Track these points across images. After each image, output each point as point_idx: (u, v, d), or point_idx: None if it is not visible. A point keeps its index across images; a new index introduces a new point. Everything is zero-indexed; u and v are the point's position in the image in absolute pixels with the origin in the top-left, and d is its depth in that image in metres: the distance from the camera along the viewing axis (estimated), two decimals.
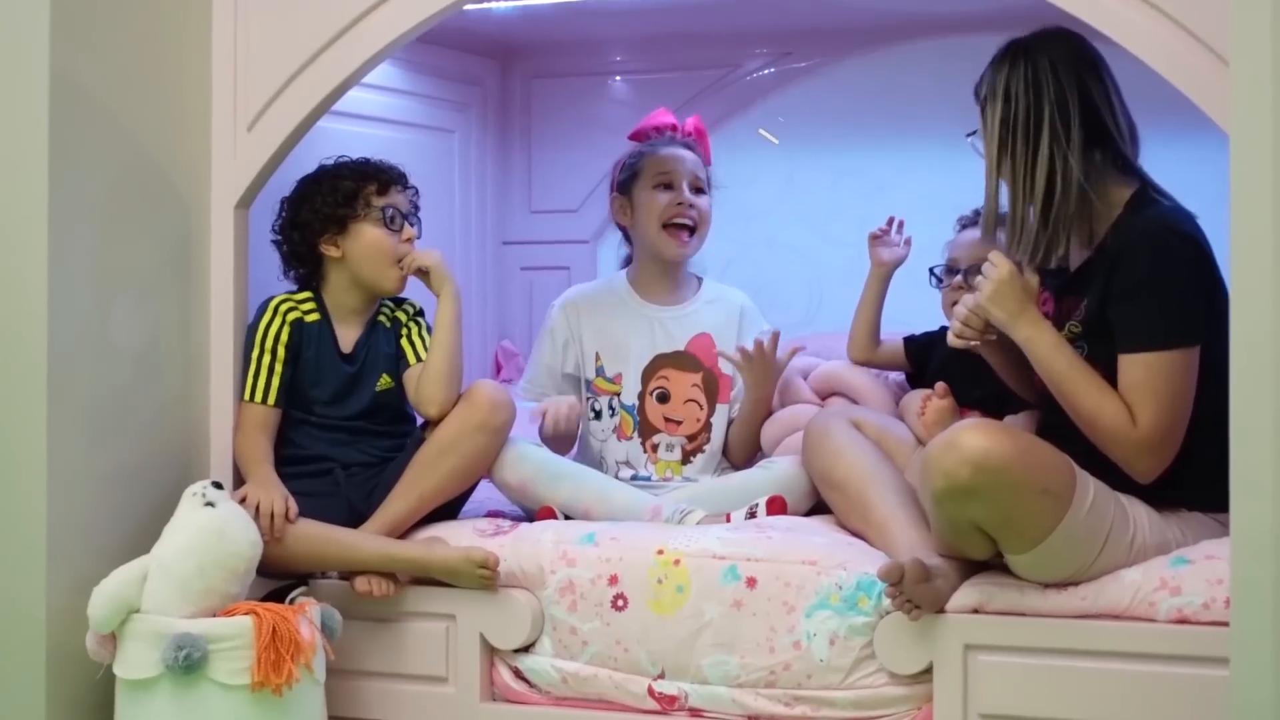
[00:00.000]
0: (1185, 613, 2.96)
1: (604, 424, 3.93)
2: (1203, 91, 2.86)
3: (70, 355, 3.19)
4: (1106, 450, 3.03)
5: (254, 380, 3.54)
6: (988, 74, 3.19)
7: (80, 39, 3.22)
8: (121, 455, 3.35)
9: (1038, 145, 3.11)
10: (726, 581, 3.24)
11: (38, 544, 3.15)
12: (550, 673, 3.36)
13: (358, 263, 3.60)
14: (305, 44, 3.49)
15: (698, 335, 3.96)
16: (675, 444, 3.90)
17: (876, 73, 4.53)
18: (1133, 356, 3.02)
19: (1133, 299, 3.03)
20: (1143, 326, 3.01)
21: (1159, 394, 2.99)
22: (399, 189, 3.65)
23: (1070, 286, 3.21)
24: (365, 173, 3.62)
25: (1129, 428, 3.00)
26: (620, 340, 3.94)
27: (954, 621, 3.08)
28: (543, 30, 4.73)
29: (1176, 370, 2.99)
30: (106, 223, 3.30)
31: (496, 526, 3.52)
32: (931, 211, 3.98)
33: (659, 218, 3.90)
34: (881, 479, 3.39)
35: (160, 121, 3.46)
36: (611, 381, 3.93)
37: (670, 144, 3.99)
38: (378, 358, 3.66)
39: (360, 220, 3.59)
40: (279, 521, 3.34)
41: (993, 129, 3.15)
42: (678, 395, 3.91)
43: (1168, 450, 3.02)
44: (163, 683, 3.08)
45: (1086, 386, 3.04)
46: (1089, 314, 3.12)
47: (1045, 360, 3.09)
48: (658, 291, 3.99)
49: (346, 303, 3.64)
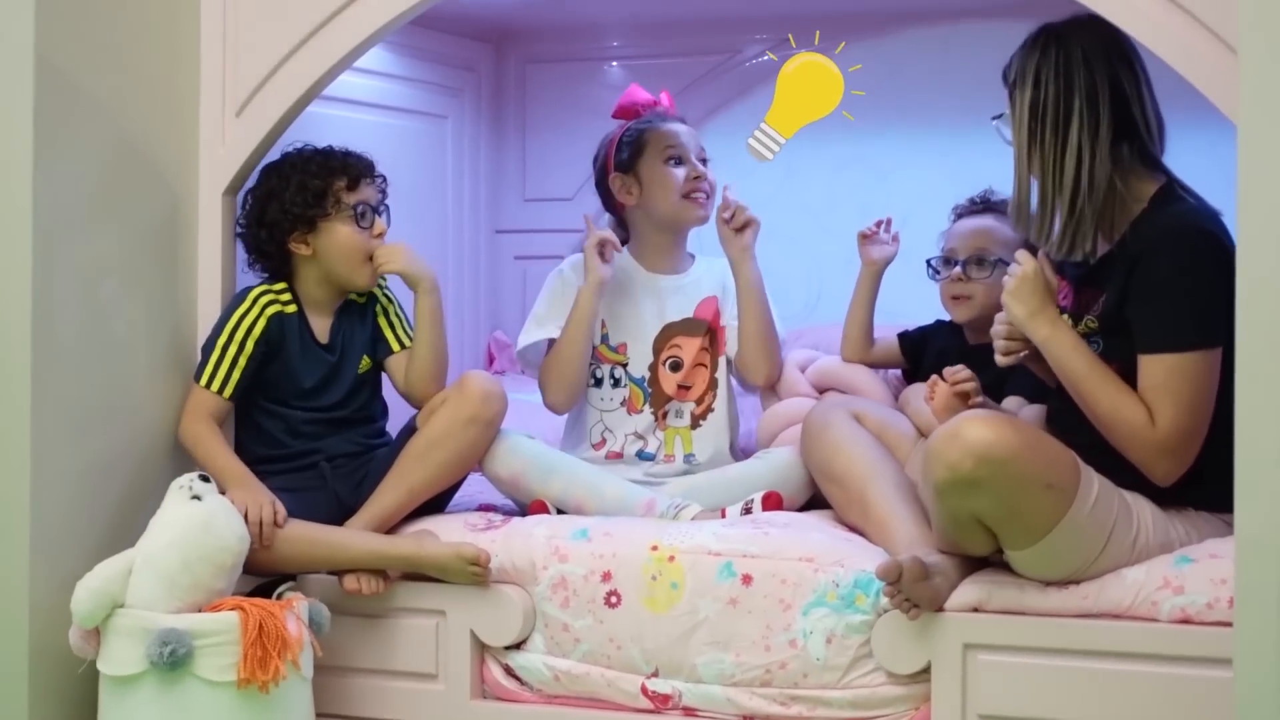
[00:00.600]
0: (1188, 613, 2.93)
1: (604, 392, 3.89)
2: (1210, 81, 2.85)
3: (54, 344, 3.16)
4: (1125, 451, 3.00)
5: (215, 367, 3.48)
6: (1017, 58, 3.14)
7: (66, 23, 3.19)
8: (106, 447, 3.32)
9: (1066, 134, 3.06)
10: (722, 578, 3.21)
11: (21, 537, 3.13)
12: (542, 670, 3.33)
13: (329, 261, 3.56)
14: (295, 28, 3.46)
15: (705, 299, 3.94)
16: (684, 409, 3.87)
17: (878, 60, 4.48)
18: (1153, 357, 2.98)
19: (1154, 299, 2.99)
20: (1164, 328, 2.97)
21: (1179, 396, 2.95)
22: (368, 181, 3.59)
23: (1090, 278, 3.17)
24: (333, 167, 3.56)
25: (1148, 429, 2.96)
26: (627, 311, 3.91)
27: (953, 620, 3.05)
28: (538, 14, 4.72)
29: (1198, 372, 2.95)
30: (92, 209, 3.28)
31: (488, 521, 3.49)
32: (933, 201, 3.95)
33: (677, 190, 3.87)
34: (882, 474, 3.36)
35: (147, 107, 3.43)
36: (615, 351, 3.89)
37: (665, 119, 3.96)
38: (354, 342, 3.63)
39: (331, 219, 3.54)
40: (269, 529, 3.29)
41: (1021, 116, 3.10)
42: (689, 362, 3.89)
43: (1188, 453, 2.98)
44: (147, 679, 3.06)
45: (1105, 387, 3.00)
46: (1106, 310, 3.08)
47: (1063, 360, 3.05)
48: (663, 263, 3.96)
49: (318, 295, 3.60)
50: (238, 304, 3.52)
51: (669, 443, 3.86)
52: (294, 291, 3.58)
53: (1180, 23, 2.89)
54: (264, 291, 3.54)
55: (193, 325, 3.52)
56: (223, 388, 3.48)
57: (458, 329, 4.65)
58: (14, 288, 3.11)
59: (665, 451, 3.86)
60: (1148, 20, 2.92)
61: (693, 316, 3.92)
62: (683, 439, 3.87)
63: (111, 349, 3.34)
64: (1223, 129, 2.82)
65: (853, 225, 3.98)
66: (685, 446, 3.86)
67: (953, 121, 4.41)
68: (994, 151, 3.24)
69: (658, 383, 3.88)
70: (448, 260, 4.68)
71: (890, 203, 4.34)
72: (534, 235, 4.85)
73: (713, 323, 3.91)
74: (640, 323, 3.91)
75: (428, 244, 4.48)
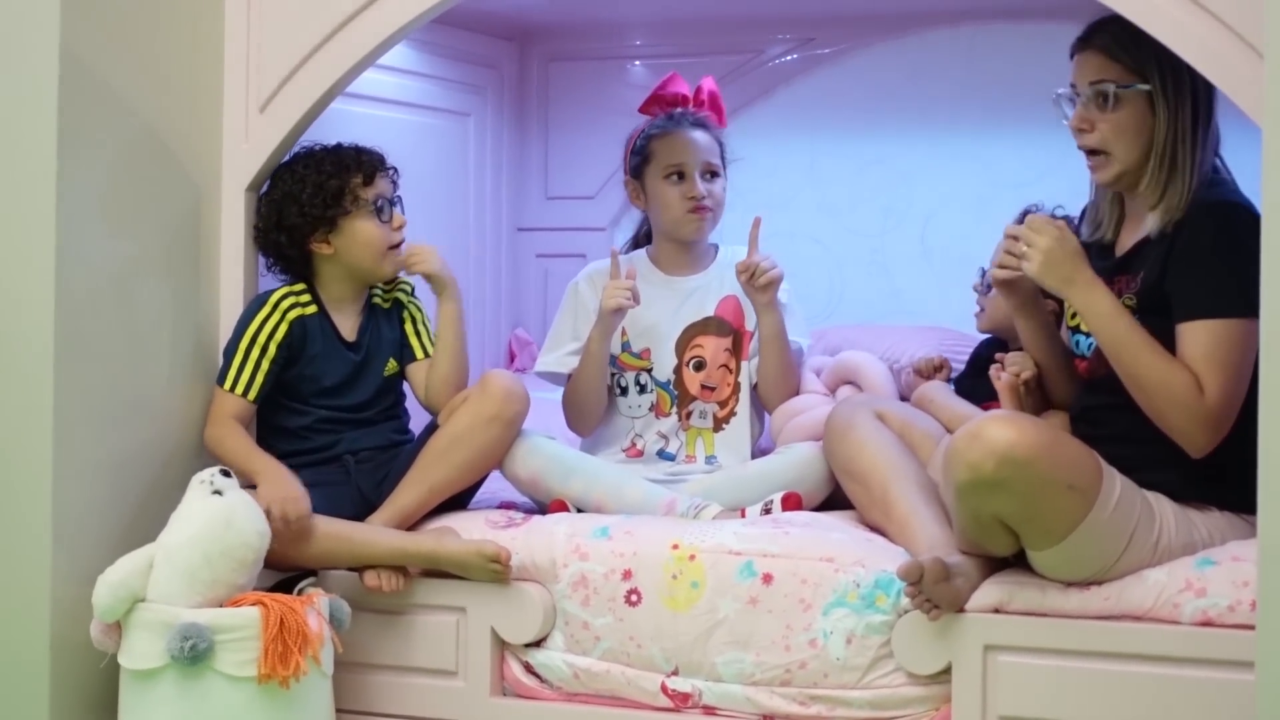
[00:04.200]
0: (1210, 615, 2.92)
1: (630, 400, 3.88)
2: (1236, 84, 2.84)
3: (77, 339, 3.16)
4: (1166, 419, 2.98)
5: (238, 371, 3.48)
6: (1151, 42, 3.01)
7: (91, 18, 3.19)
8: (128, 441, 3.32)
9: (1209, 132, 3.08)
10: (742, 578, 3.21)
11: (43, 531, 3.13)
12: (562, 668, 3.33)
13: (352, 257, 3.55)
14: (320, 24, 3.46)
15: (725, 298, 3.90)
16: (708, 410, 3.85)
17: (902, 60, 4.49)
18: (1197, 324, 2.97)
19: (1197, 267, 2.98)
20: (1209, 293, 2.96)
21: (1226, 364, 2.94)
22: (382, 174, 3.58)
23: (1123, 266, 3.16)
24: (347, 164, 3.55)
25: (1197, 397, 2.95)
26: (647, 315, 3.88)
27: (974, 621, 3.04)
28: (561, 12, 4.71)
29: (1242, 340, 2.94)
30: (115, 205, 3.28)
31: (509, 518, 3.48)
32: (955, 202, 3.94)
33: (675, 208, 3.85)
34: (904, 474, 3.35)
35: (171, 102, 3.43)
36: (638, 357, 3.88)
37: (680, 124, 3.91)
38: (381, 343, 3.63)
39: (351, 216, 3.53)
40: (296, 526, 3.29)
41: (1184, 106, 3.06)
42: (712, 361, 3.87)
43: (1228, 424, 2.97)
44: (168, 673, 3.05)
45: (1152, 352, 2.98)
46: (1145, 287, 3.07)
47: (1105, 326, 3.02)
48: (680, 265, 3.94)
49: (341, 293, 3.60)
50: (259, 308, 3.51)
51: (690, 443, 3.85)
52: (313, 292, 3.58)
53: (1204, 24, 2.87)
54: (285, 294, 3.54)
55: (215, 320, 3.52)
56: (246, 390, 3.48)
57: (479, 326, 4.65)
58: (38, 282, 3.11)
59: (686, 452, 3.85)
60: (1171, 21, 2.90)
61: (713, 315, 3.90)
62: (705, 440, 3.86)
63: (134, 344, 3.34)
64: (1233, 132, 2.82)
65: (875, 226, 3.98)
66: (707, 448, 3.85)
67: (976, 123, 4.40)
68: (1018, 152, 3.24)
69: (683, 384, 3.87)
70: (469, 258, 4.68)
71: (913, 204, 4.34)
72: (556, 233, 4.85)
73: (736, 324, 3.89)
74: (661, 327, 3.89)
75: (449, 241, 4.48)
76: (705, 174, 3.86)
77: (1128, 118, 3.09)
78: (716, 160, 3.89)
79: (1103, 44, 3.11)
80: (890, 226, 4.50)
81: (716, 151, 3.91)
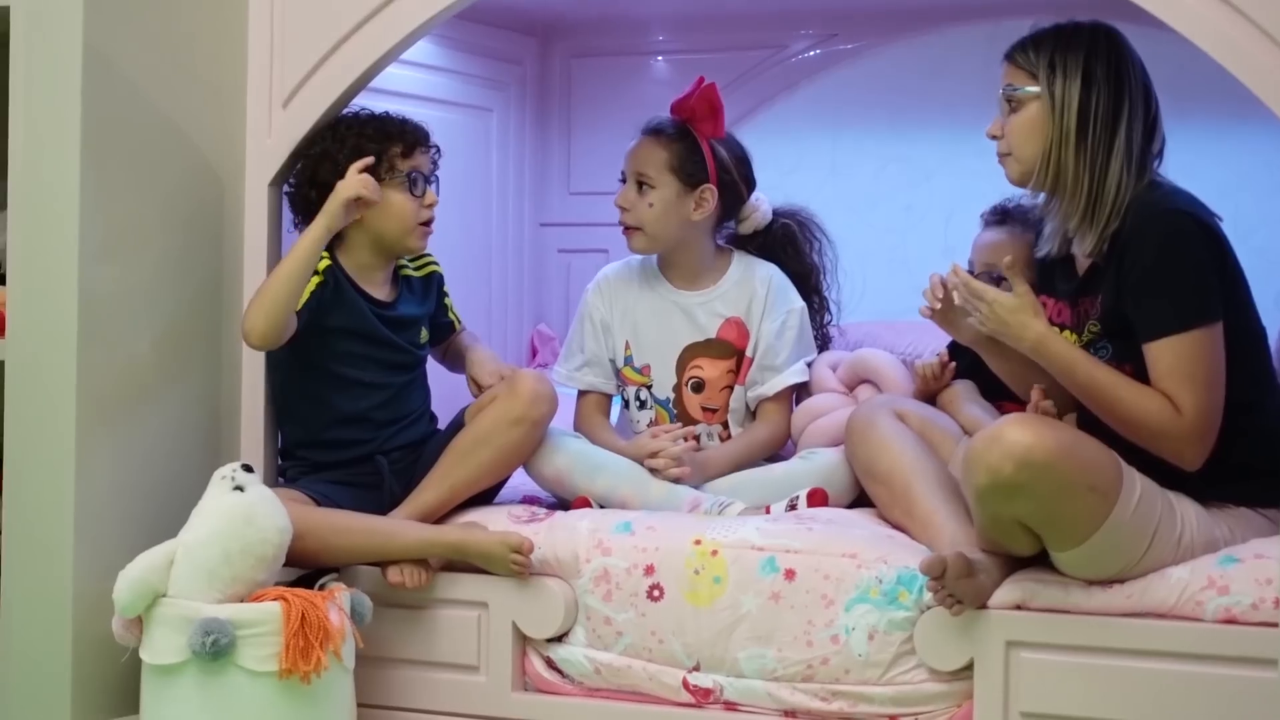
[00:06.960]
0: (1233, 612, 2.91)
1: (633, 414, 3.87)
2: (1255, 76, 2.84)
3: (99, 334, 3.17)
4: (1154, 444, 3.00)
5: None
6: (1059, 47, 3.12)
7: (114, 13, 3.21)
8: (150, 437, 3.33)
9: (1114, 138, 3.07)
10: (765, 573, 3.21)
11: (65, 526, 3.15)
12: (583, 663, 3.33)
13: (379, 226, 3.51)
14: (343, 19, 3.47)
15: (728, 320, 3.86)
16: (714, 432, 3.83)
17: (924, 56, 4.48)
18: (1158, 343, 2.98)
19: (1146, 287, 3.00)
20: (1161, 312, 2.98)
21: (1194, 377, 2.96)
22: (423, 150, 3.56)
23: (1084, 288, 3.18)
24: (390, 132, 3.52)
25: (1176, 418, 2.96)
26: (648, 330, 3.85)
27: (996, 618, 3.04)
28: (583, 8, 4.71)
29: (1204, 349, 2.96)
30: (138, 200, 3.28)
31: (532, 513, 3.48)
32: (975, 200, 3.92)
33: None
34: (925, 472, 3.35)
35: (194, 97, 3.44)
36: (639, 372, 3.85)
37: (646, 128, 3.84)
38: (415, 311, 3.62)
39: (383, 185, 3.48)
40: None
41: (1069, 107, 3.08)
42: (712, 383, 3.84)
43: (1213, 433, 2.98)
44: (189, 668, 3.06)
45: (1120, 388, 3.01)
46: (1105, 309, 3.09)
47: (1068, 376, 3.06)
48: (685, 276, 3.87)
49: (364, 260, 3.55)
50: None
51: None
52: (337, 261, 3.51)
53: (1222, 15, 2.88)
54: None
55: (238, 315, 3.51)
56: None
57: (501, 321, 4.65)
58: (61, 278, 3.14)
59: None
60: (1188, 12, 2.91)
61: (715, 338, 3.84)
62: None
63: (156, 339, 3.35)
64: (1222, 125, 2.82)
65: (896, 223, 3.97)
66: None
67: None
68: None
69: (682, 404, 3.83)
70: (491, 252, 4.67)
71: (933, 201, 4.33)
72: (578, 228, 4.84)
73: (739, 345, 3.83)
74: (661, 343, 3.84)
75: (471, 236, 4.50)
76: (638, 184, 3.78)
77: (1024, 119, 3.15)
78: (651, 172, 3.77)
79: (1010, 52, 3.20)
80: (912, 224, 4.49)
81: (657, 161, 3.78)
